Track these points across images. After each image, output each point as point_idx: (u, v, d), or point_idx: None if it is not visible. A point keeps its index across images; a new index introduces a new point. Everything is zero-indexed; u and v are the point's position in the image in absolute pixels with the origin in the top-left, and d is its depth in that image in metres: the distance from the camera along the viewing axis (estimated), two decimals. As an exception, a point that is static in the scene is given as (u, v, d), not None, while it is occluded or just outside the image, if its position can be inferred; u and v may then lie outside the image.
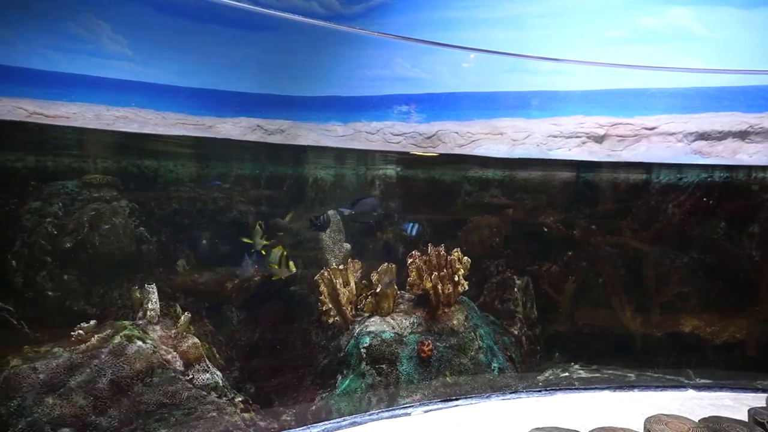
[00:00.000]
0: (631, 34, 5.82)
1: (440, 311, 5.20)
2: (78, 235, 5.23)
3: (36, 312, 4.95)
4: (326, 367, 5.11)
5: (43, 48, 4.87)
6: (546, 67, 6.01)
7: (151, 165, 6.18)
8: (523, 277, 6.47)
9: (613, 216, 6.78)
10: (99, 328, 4.23)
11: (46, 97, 4.87)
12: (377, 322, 5.04)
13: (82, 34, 5.05)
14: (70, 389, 3.79)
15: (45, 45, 4.89)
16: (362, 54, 6.20)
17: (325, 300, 5.10)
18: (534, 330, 6.39)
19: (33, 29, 4.74)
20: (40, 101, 4.82)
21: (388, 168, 7.08)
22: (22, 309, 4.87)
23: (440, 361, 4.94)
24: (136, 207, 5.66)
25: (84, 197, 5.41)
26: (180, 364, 4.26)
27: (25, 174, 5.60)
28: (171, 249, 5.84)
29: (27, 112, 4.72)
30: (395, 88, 6.22)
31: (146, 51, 5.29)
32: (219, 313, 5.71)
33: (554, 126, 6.10)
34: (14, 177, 5.53)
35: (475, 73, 6.26)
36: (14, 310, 4.78)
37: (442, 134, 6.21)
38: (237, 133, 5.83)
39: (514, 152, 6.14)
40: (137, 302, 4.56)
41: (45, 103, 4.86)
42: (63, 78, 4.91)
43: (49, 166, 5.61)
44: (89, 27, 5.05)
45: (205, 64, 5.62)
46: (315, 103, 6.20)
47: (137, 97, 5.25)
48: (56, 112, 4.92)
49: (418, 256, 5.29)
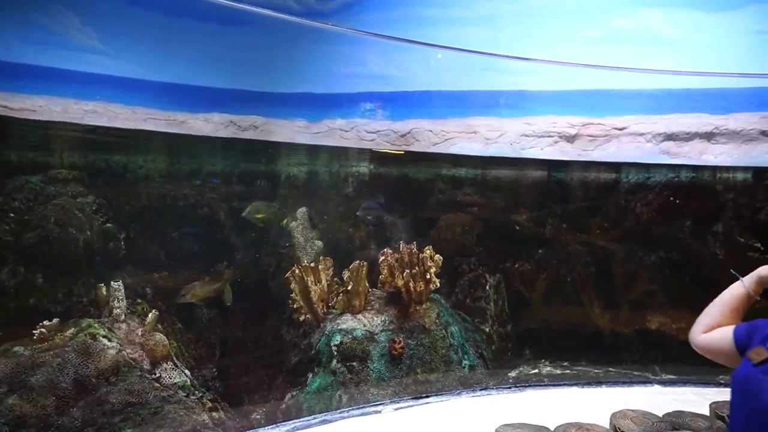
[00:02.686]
0: (604, 34, 5.91)
1: (412, 309, 5.21)
2: (42, 231, 5.11)
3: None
4: (297, 365, 5.08)
5: (9, 39, 4.75)
6: (519, 66, 6.05)
7: (119, 160, 6.07)
8: (495, 275, 6.50)
9: (583, 215, 6.87)
10: (63, 326, 4.14)
11: (11, 89, 4.74)
12: (349, 320, 5.03)
13: (51, 25, 4.94)
14: (31, 389, 3.70)
15: (11, 36, 4.77)
16: (336, 51, 6.18)
17: (297, 297, 5.07)
18: (505, 327, 6.43)
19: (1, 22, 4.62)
20: (4, 94, 4.71)
21: (361, 166, 7.07)
22: (-19, 307, 4.75)
23: (411, 358, 4.95)
24: (104, 203, 5.55)
25: (48, 192, 5.28)
26: (147, 363, 4.21)
27: (-14, 168, 5.46)
28: (140, 246, 5.75)
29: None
30: (369, 86, 6.22)
31: (116, 44, 5.19)
32: (188, 310, 5.64)
33: (527, 125, 6.16)
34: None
35: (449, 72, 6.28)
36: (-26, 308, 4.67)
37: (417, 132, 6.23)
38: (209, 129, 5.77)
39: (487, 151, 6.17)
40: (103, 300, 4.48)
41: (10, 96, 4.75)
42: (30, 70, 4.81)
43: (12, 160, 5.47)
44: (58, 18, 4.95)
45: (177, 58, 5.54)
46: (289, 100, 6.16)
47: (107, 91, 5.14)
48: (22, 105, 4.80)
49: (389, 254, 5.28)
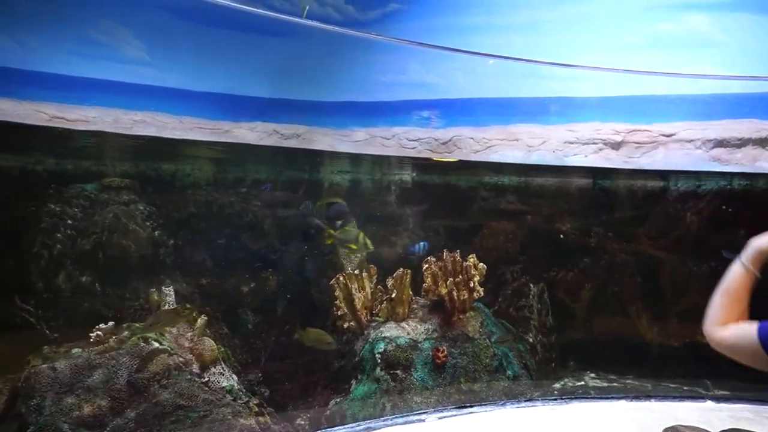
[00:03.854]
0: (648, 40, 5.82)
1: (455, 317, 5.20)
2: (96, 238, 5.32)
3: (54, 313, 5.03)
4: (341, 372, 5.13)
5: (65, 54, 4.96)
6: (562, 73, 6.01)
7: (168, 169, 6.25)
8: (538, 284, 6.44)
9: (630, 223, 6.75)
10: (117, 329, 4.29)
11: (66, 101, 4.94)
12: (392, 328, 5.06)
13: (103, 39, 5.12)
14: (88, 389, 3.84)
15: (67, 51, 4.98)
16: (377, 59, 6.23)
17: (341, 305, 5.12)
18: (549, 337, 6.36)
19: (56, 35, 4.82)
20: (60, 105, 4.89)
21: (404, 173, 7.11)
22: (41, 310, 4.96)
23: (455, 367, 4.94)
24: (154, 210, 5.73)
25: (102, 200, 5.50)
26: (196, 367, 4.31)
27: (45, 177, 5.70)
28: (187, 252, 5.91)
29: (48, 115, 4.78)
30: (411, 94, 6.25)
31: (164, 56, 5.36)
32: (235, 316, 5.76)
33: (570, 132, 6.09)
34: (35, 180, 5.64)
35: (491, 79, 6.27)
36: (34, 310, 4.88)
37: (458, 140, 6.22)
38: (253, 138, 5.88)
39: (529, 158, 6.13)
40: (154, 304, 4.62)
41: (65, 107, 4.93)
42: (83, 82, 4.98)
43: (68, 169, 5.70)
44: (109, 33, 5.12)
45: (222, 69, 5.69)
46: (331, 109, 6.23)
47: (155, 101, 5.31)
48: (76, 116, 4.98)
49: (433, 262, 5.31)
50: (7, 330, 4.77)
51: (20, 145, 5.57)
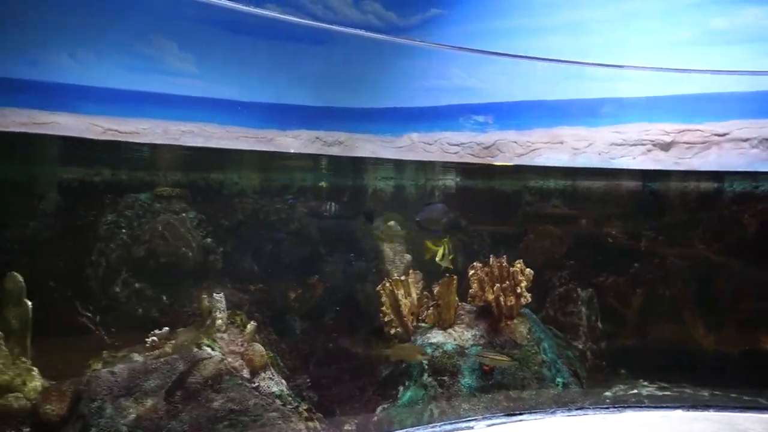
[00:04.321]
0: (699, 36, 5.65)
1: (502, 323, 5.16)
2: (150, 245, 5.49)
3: (112, 318, 5.22)
4: (388, 378, 5.14)
5: (116, 68, 5.14)
6: (607, 73, 5.90)
7: (216, 178, 6.41)
8: (587, 290, 6.32)
9: (682, 226, 6.54)
10: (171, 335, 4.41)
11: (119, 114, 5.12)
12: (439, 334, 5.06)
13: (152, 53, 5.28)
14: (145, 393, 3.96)
15: (119, 65, 5.16)
16: (418, 65, 6.25)
17: (387, 311, 5.15)
18: (599, 344, 6.23)
19: (108, 50, 4.99)
20: (113, 118, 5.06)
21: (447, 178, 7.09)
22: (99, 315, 5.15)
23: (503, 374, 4.89)
24: (204, 218, 5.88)
25: (155, 209, 5.68)
26: (246, 372, 4.38)
27: (102, 187, 5.94)
28: (236, 259, 6.03)
29: (102, 128, 4.94)
30: (452, 99, 6.23)
31: (211, 68, 5.49)
32: (282, 322, 5.85)
33: (617, 134, 5.97)
34: (92, 190, 5.87)
35: (534, 82, 6.19)
36: (93, 316, 5.07)
37: (501, 144, 6.16)
38: (297, 146, 5.96)
39: (575, 161, 6.03)
40: (206, 311, 4.71)
41: (118, 120, 5.11)
42: (134, 96, 5.14)
43: (123, 180, 5.91)
44: (158, 46, 5.27)
45: (267, 78, 5.79)
46: (373, 115, 6.26)
47: (203, 112, 5.45)
48: (129, 128, 5.15)
49: (479, 268, 5.27)
50: (70, 335, 4.98)
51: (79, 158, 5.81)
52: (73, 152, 5.58)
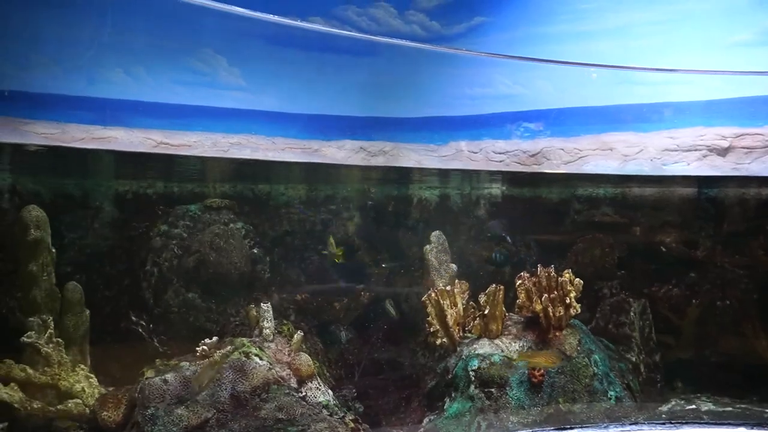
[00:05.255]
0: (759, 36, 5.40)
1: (551, 335, 5.04)
2: (200, 256, 5.62)
3: (164, 327, 5.36)
4: (434, 389, 5.09)
5: (168, 83, 5.29)
6: (659, 77, 5.71)
7: (263, 189, 6.52)
8: (639, 300, 6.13)
9: (742, 234, 6.25)
10: (220, 344, 4.47)
11: (170, 127, 5.26)
12: (486, 345, 4.98)
13: (201, 67, 5.41)
14: (196, 401, 4.02)
15: (170, 80, 5.31)
16: (462, 73, 6.20)
17: (433, 321, 5.09)
18: (653, 357, 6.02)
19: (160, 66, 5.14)
20: (165, 131, 5.20)
21: (492, 187, 7.02)
22: (152, 324, 5.30)
23: (552, 386, 4.75)
24: (251, 229, 5.99)
25: (205, 220, 5.82)
26: (294, 381, 4.40)
27: (154, 199, 6.13)
28: (282, 269, 6.11)
29: (155, 142, 5.08)
30: (497, 106, 6.16)
31: (258, 81, 5.59)
32: (328, 332, 5.88)
33: (670, 139, 5.77)
34: (145, 202, 6.07)
35: (581, 87, 6.06)
36: (146, 324, 5.22)
37: (547, 151, 6.06)
38: (341, 156, 5.99)
39: (625, 168, 5.87)
40: (254, 320, 4.78)
41: (170, 133, 5.24)
42: (185, 109, 5.28)
43: (174, 192, 6.07)
44: (207, 61, 5.40)
45: (312, 90, 5.85)
46: (416, 124, 6.25)
47: (250, 124, 5.54)
48: (180, 141, 5.29)
49: (527, 278, 5.18)
50: (125, 343, 5.14)
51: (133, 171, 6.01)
52: (127, 165, 5.76)
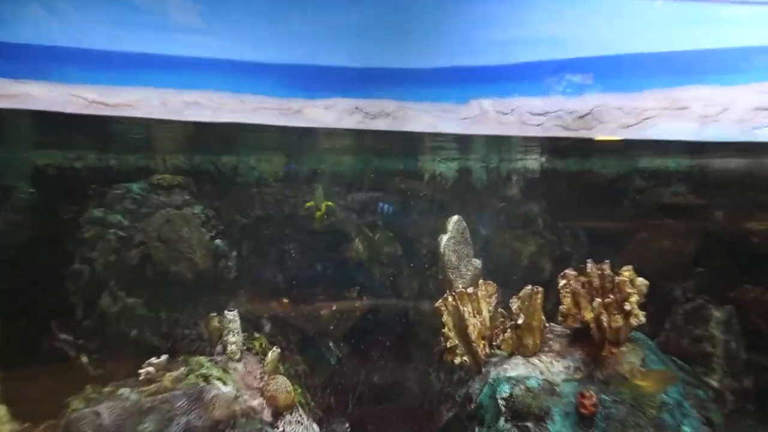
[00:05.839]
0: None
1: (606, 352, 4.98)
2: (145, 249, 5.55)
3: (97, 343, 5.30)
4: (451, 423, 5.07)
5: (102, 23, 5.17)
6: (750, 11, 5.62)
7: (228, 161, 6.44)
8: (723, 307, 6.10)
9: None
10: (171, 364, 4.41)
11: (106, 82, 5.16)
12: (520, 365, 4.93)
13: (147, 3, 5.30)
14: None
15: (104, 19, 5.18)
16: (491, 11, 6.10)
17: (450, 333, 5.07)
18: (742, 381, 6.01)
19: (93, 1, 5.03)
20: (99, 87, 5.12)
21: (528, 158, 6.95)
22: (82, 339, 5.23)
23: (608, 420, 4.69)
24: (212, 214, 5.91)
25: (152, 202, 5.74)
26: (268, 413, 4.37)
27: (84, 175, 6.04)
28: (254, 266, 6.06)
29: (86, 101, 5.01)
30: (535, 53, 6.09)
31: (221, 20, 5.48)
32: (313, 348, 5.85)
33: (764, 95, 5.71)
34: (73, 179, 5.98)
35: (646, 28, 5.98)
36: (73, 339, 5.15)
37: (600, 111, 6.01)
38: (330, 119, 5.92)
39: (703, 133, 5.84)
40: (215, 333, 4.73)
41: (105, 89, 5.16)
42: (125, 58, 5.18)
43: (111, 166, 5.98)
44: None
45: (291, 32, 5.76)
46: (429, 77, 6.17)
47: (211, 77, 5.46)
48: (118, 99, 5.20)
49: (573, 277, 5.10)
50: (44, 363, 5.08)
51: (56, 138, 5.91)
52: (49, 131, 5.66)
